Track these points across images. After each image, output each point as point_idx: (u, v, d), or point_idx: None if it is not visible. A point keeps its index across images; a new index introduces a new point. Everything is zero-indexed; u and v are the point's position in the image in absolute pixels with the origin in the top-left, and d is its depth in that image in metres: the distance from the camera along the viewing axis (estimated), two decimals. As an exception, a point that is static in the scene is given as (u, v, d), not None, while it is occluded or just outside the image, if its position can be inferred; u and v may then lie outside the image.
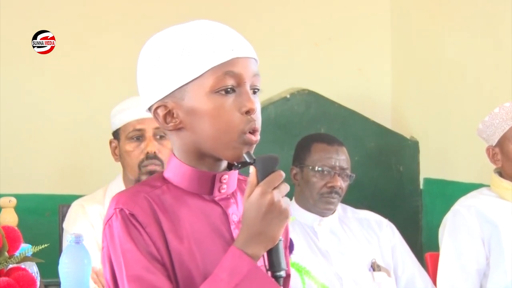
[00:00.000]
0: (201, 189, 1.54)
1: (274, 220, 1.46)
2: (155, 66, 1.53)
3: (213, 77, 1.48)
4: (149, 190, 1.52)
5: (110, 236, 1.49)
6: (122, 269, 1.47)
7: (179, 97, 1.51)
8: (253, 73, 1.52)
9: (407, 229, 3.50)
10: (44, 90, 3.81)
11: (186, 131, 1.52)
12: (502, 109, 3.00)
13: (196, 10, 3.96)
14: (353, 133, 3.83)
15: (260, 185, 1.46)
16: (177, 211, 1.51)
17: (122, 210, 1.48)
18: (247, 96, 1.50)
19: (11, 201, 3.32)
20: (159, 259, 1.47)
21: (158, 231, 1.48)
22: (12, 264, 1.96)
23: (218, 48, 1.49)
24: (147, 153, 2.92)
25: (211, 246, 1.51)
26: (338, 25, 4.13)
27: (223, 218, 1.55)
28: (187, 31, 1.52)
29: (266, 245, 1.46)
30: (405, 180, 3.97)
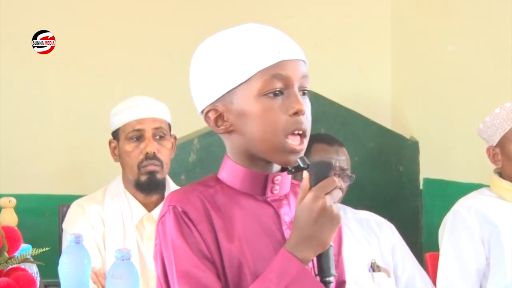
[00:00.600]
0: (253, 190, 1.57)
1: (325, 225, 1.48)
2: (205, 71, 1.56)
3: (261, 80, 1.51)
4: (202, 189, 1.55)
5: (162, 233, 1.52)
6: (172, 265, 1.50)
7: (228, 100, 1.54)
8: (301, 74, 1.54)
9: (407, 229, 3.49)
10: (44, 90, 3.81)
11: (237, 133, 1.55)
12: (503, 109, 3.00)
13: (196, 12, 3.96)
14: (353, 133, 3.83)
15: (313, 190, 1.48)
16: (229, 210, 1.54)
17: (175, 208, 1.51)
18: (295, 98, 1.52)
19: (11, 201, 3.33)
20: (209, 257, 1.50)
21: (210, 229, 1.51)
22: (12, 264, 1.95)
23: (265, 51, 1.52)
24: (147, 153, 2.92)
25: (262, 246, 1.54)
26: (338, 25, 4.13)
27: (275, 218, 1.57)
28: (235, 35, 1.55)
29: (316, 249, 1.48)
30: (405, 180, 3.97)
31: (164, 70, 3.92)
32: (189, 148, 3.65)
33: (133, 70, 3.89)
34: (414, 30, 4.10)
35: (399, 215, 3.69)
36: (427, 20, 3.99)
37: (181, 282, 1.48)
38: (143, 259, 2.93)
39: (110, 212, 2.96)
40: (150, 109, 2.97)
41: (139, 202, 2.98)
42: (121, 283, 2.08)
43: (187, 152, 3.63)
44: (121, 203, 2.97)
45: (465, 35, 3.75)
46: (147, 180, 2.93)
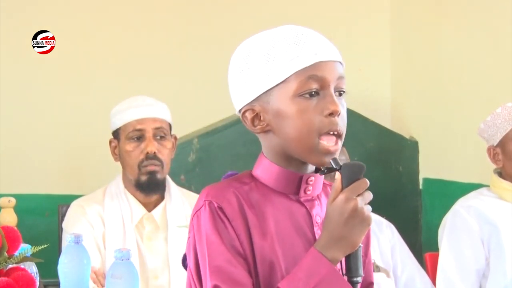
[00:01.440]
0: (287, 189, 1.58)
1: (356, 226, 1.49)
2: (243, 71, 1.57)
3: (297, 81, 1.52)
4: (238, 186, 1.57)
5: (197, 227, 1.54)
6: (205, 259, 1.52)
7: (265, 100, 1.55)
8: (337, 75, 1.55)
9: (407, 229, 3.50)
10: (44, 90, 3.81)
11: (273, 133, 1.57)
12: (505, 109, 3.00)
13: (196, 12, 3.96)
14: (353, 133, 3.80)
15: (344, 191, 1.50)
16: (263, 207, 1.56)
17: (211, 203, 1.53)
18: (330, 99, 1.53)
19: (11, 201, 3.33)
20: (242, 253, 1.51)
21: (244, 225, 1.53)
22: (11, 264, 1.96)
23: (302, 52, 1.53)
24: (147, 153, 2.92)
25: (294, 244, 1.55)
26: (337, 25, 4.12)
27: (307, 218, 1.58)
28: (273, 36, 1.56)
29: (346, 250, 1.50)
30: (405, 180, 3.98)
31: (164, 70, 3.93)
32: (189, 148, 3.65)
33: (133, 70, 3.89)
34: (413, 30, 4.10)
35: (398, 215, 3.69)
36: (426, 20, 3.99)
37: (214, 276, 1.50)
38: (143, 259, 2.94)
39: (110, 212, 2.96)
40: (151, 109, 2.97)
41: (139, 202, 2.98)
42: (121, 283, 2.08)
43: (187, 152, 3.64)
44: (121, 203, 2.98)
45: (465, 35, 3.75)
46: (147, 180, 2.93)
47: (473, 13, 3.70)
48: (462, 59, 3.75)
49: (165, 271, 2.94)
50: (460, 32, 3.78)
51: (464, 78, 3.74)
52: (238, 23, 3.93)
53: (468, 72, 3.71)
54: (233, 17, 4.00)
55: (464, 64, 3.74)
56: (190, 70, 3.93)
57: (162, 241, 2.96)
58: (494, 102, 3.12)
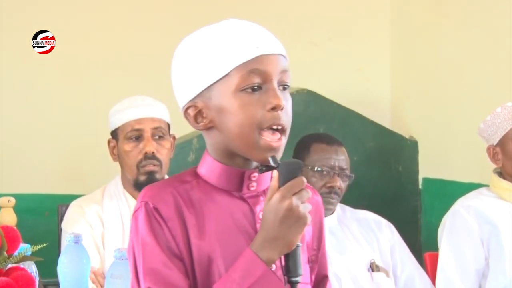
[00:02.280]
0: (230, 186, 1.55)
1: (292, 225, 1.46)
2: (185, 67, 1.55)
3: (239, 76, 1.49)
4: (177, 185, 1.54)
5: (134, 228, 1.52)
6: (140, 262, 1.50)
7: (207, 96, 1.52)
8: (280, 69, 1.52)
9: (406, 229, 3.49)
10: (44, 90, 3.81)
11: (216, 130, 1.54)
12: (504, 108, 3.00)
13: (196, 12, 3.96)
14: (352, 133, 3.83)
15: (280, 190, 1.46)
16: (203, 206, 1.53)
17: (147, 204, 1.50)
18: (273, 93, 1.50)
19: (10, 201, 3.33)
20: (178, 254, 1.49)
21: (181, 226, 1.50)
22: (11, 263, 1.96)
23: (243, 46, 1.50)
24: (146, 153, 2.92)
25: (234, 243, 1.52)
26: (337, 25, 4.13)
27: (249, 215, 1.55)
28: (214, 31, 1.54)
29: (281, 250, 1.47)
30: (404, 180, 3.97)
31: (164, 70, 3.92)
32: (188, 148, 3.65)
33: (133, 70, 3.89)
34: (413, 30, 4.10)
35: (398, 214, 3.69)
36: (426, 19, 3.99)
37: (147, 279, 1.47)
38: (142, 259, 2.93)
39: (109, 212, 2.96)
40: (149, 109, 2.97)
41: (138, 202, 2.98)
42: (120, 283, 2.08)
43: (186, 152, 3.63)
44: (120, 203, 2.98)
45: (465, 34, 3.75)
46: (146, 180, 2.93)
47: (473, 13, 3.70)
48: (462, 59, 3.75)
49: (165, 270, 2.94)
50: (460, 32, 3.78)
51: (464, 78, 3.74)
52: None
53: (468, 72, 3.71)
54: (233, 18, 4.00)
55: (464, 64, 3.74)
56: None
57: (162, 241, 2.96)
58: (494, 102, 3.12)
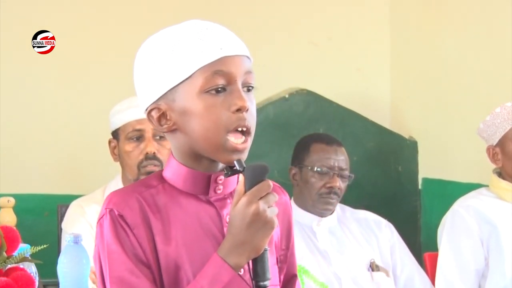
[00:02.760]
0: (196, 189, 1.53)
1: (259, 230, 1.45)
2: (148, 68, 1.53)
3: (202, 77, 1.47)
4: (143, 190, 1.52)
5: (100, 235, 1.50)
6: (106, 270, 1.48)
7: (171, 98, 1.50)
8: (244, 70, 1.50)
9: (406, 229, 3.49)
10: (44, 90, 3.81)
11: (180, 132, 1.52)
12: (504, 108, 3.00)
13: (196, 12, 3.96)
14: (352, 133, 3.83)
15: (246, 194, 1.45)
16: (169, 211, 1.51)
17: (112, 211, 1.49)
18: (238, 94, 1.48)
19: (10, 201, 3.32)
20: (145, 261, 1.47)
21: (147, 232, 1.48)
22: (10, 264, 1.95)
23: (206, 47, 1.48)
24: (147, 153, 2.92)
25: (201, 248, 1.51)
26: (337, 25, 4.13)
27: (216, 219, 1.54)
28: (177, 32, 1.52)
29: (249, 254, 1.46)
30: (404, 180, 3.97)
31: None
32: (188, 148, 3.64)
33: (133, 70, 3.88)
34: (413, 30, 4.10)
35: (398, 215, 3.69)
36: (426, 19, 3.99)
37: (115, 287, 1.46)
38: (142, 259, 2.93)
39: (109, 212, 2.95)
40: (150, 109, 2.97)
41: (138, 202, 2.98)
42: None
43: (186, 152, 3.63)
44: (120, 203, 2.97)
45: (464, 34, 3.75)
46: (146, 180, 2.93)
47: (473, 13, 3.70)
48: (461, 59, 3.76)
49: (164, 270, 2.94)
50: (460, 32, 3.78)
51: (463, 78, 3.74)
52: (237, 23, 3.92)
53: (468, 72, 3.71)
54: (233, 17, 3.99)
55: (464, 64, 3.74)
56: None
57: (161, 241, 2.96)
58: (493, 102, 3.12)
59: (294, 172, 3.15)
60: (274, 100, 3.72)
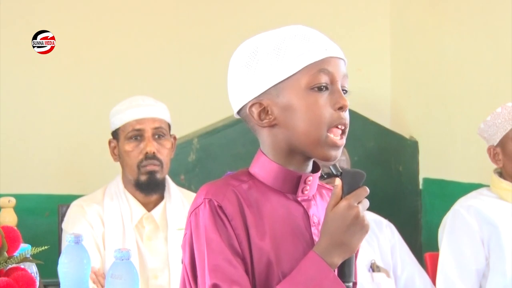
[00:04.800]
0: (285, 188, 1.58)
1: (356, 233, 1.53)
2: (250, 66, 1.58)
3: (308, 75, 1.54)
4: (237, 184, 1.57)
5: (195, 224, 1.54)
6: (204, 257, 1.52)
7: (274, 94, 1.56)
8: (343, 73, 1.60)
9: (407, 229, 3.50)
10: (44, 90, 3.82)
11: (280, 127, 1.57)
12: (505, 109, 3.00)
13: (196, 12, 3.96)
14: (353, 133, 3.78)
15: (347, 198, 1.53)
16: (261, 206, 1.56)
17: (211, 201, 1.53)
18: (340, 94, 1.57)
19: (11, 201, 3.32)
20: (240, 253, 1.52)
21: (243, 225, 1.53)
22: (11, 264, 1.95)
23: (313, 47, 1.56)
24: (146, 153, 2.92)
25: (290, 244, 1.56)
26: (337, 25, 4.13)
27: (304, 218, 1.59)
28: (281, 33, 1.58)
29: (344, 255, 1.53)
30: (405, 180, 3.97)
31: (164, 70, 3.93)
32: (189, 148, 3.65)
33: (133, 70, 3.89)
34: (413, 30, 4.10)
35: (398, 215, 3.69)
36: (426, 19, 3.99)
37: (213, 275, 1.50)
38: (143, 259, 2.94)
39: (109, 212, 2.96)
40: (150, 109, 2.97)
41: (139, 202, 2.98)
42: (121, 283, 2.07)
43: (187, 152, 3.64)
44: (121, 203, 2.98)
45: (465, 34, 3.75)
46: (146, 180, 2.93)
47: (473, 13, 3.70)
48: (462, 59, 3.76)
49: (165, 271, 2.94)
50: (460, 32, 3.78)
51: (464, 78, 3.74)
52: (238, 24, 3.93)
53: (468, 72, 3.71)
54: (233, 18, 4.00)
55: (464, 64, 3.74)
56: (190, 70, 3.93)
57: (162, 241, 2.96)
58: (494, 102, 3.12)
59: (295, 172, 3.15)
60: (275, 100, 3.72)
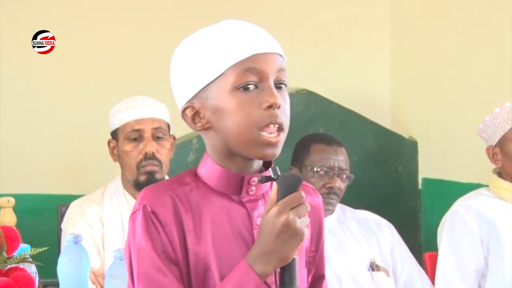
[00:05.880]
0: (228, 189, 1.55)
1: (288, 240, 1.44)
2: (182, 69, 1.55)
3: (234, 74, 1.49)
4: (177, 187, 1.54)
5: (132, 230, 1.52)
6: (135, 265, 1.49)
7: (204, 97, 1.52)
8: (277, 68, 1.52)
9: (406, 229, 3.50)
10: (44, 90, 3.82)
11: (213, 130, 1.54)
12: (503, 108, 3.00)
13: (196, 12, 3.97)
14: (352, 133, 3.83)
15: (277, 204, 1.45)
16: (201, 210, 1.53)
17: (145, 207, 1.50)
18: (269, 91, 1.49)
19: (10, 201, 3.33)
20: (174, 259, 1.48)
21: (178, 230, 1.49)
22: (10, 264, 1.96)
23: (238, 45, 1.50)
24: (146, 153, 2.92)
25: (230, 248, 1.52)
26: (337, 25, 4.13)
27: (246, 220, 1.55)
28: (210, 31, 1.55)
29: (276, 264, 1.46)
30: (404, 180, 3.98)
31: (163, 70, 3.91)
32: (188, 148, 3.65)
33: (133, 70, 3.89)
34: (413, 31, 4.10)
35: (398, 214, 3.69)
36: (426, 19, 3.99)
37: (141, 284, 1.47)
38: (142, 259, 2.93)
39: (109, 212, 2.96)
40: (149, 109, 2.97)
41: (138, 202, 2.98)
42: (120, 283, 2.08)
43: (186, 152, 3.64)
44: (120, 203, 2.98)
45: (464, 34, 3.75)
46: (146, 180, 2.93)
47: (473, 13, 3.70)
48: (461, 59, 3.76)
49: (164, 271, 2.94)
50: (459, 32, 3.78)
51: (463, 78, 3.75)
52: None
53: (468, 72, 3.72)
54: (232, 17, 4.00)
55: (464, 64, 3.74)
56: (190, 70, 3.93)
57: (161, 241, 2.96)
58: (493, 102, 3.12)
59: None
60: (274, 100, 3.72)
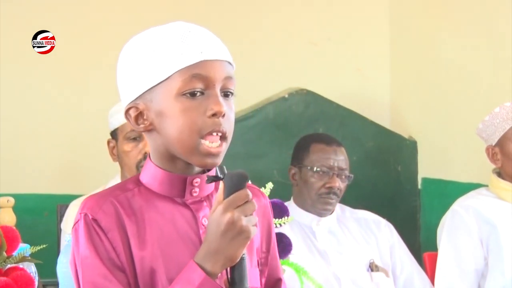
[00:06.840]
0: (172, 192, 1.53)
1: (234, 239, 1.42)
2: (129, 68, 1.53)
3: (181, 80, 1.47)
4: (118, 194, 1.52)
5: (75, 241, 1.50)
6: (81, 274, 1.48)
7: (148, 98, 1.50)
8: (224, 76, 1.49)
9: (405, 229, 3.50)
10: (44, 90, 3.82)
11: (156, 133, 1.52)
12: (503, 108, 3.00)
13: (196, 12, 3.97)
14: (352, 133, 3.83)
15: (223, 203, 1.43)
16: (145, 214, 1.50)
17: (86, 215, 1.48)
18: (214, 99, 1.47)
19: (9, 201, 3.32)
20: (120, 266, 1.47)
21: (121, 236, 1.48)
22: (10, 264, 1.96)
23: (187, 50, 1.48)
24: (145, 153, 2.92)
25: (177, 251, 1.50)
26: (337, 25, 4.13)
27: (192, 221, 1.53)
28: (160, 32, 1.52)
29: (224, 263, 1.44)
30: (404, 180, 3.97)
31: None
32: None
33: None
34: (412, 30, 4.10)
35: (397, 214, 3.69)
36: (425, 19, 3.99)
37: None
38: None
39: (108, 212, 2.95)
40: (149, 109, 2.97)
41: (138, 202, 2.98)
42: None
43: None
44: (120, 203, 2.97)
45: (464, 34, 3.75)
46: (145, 180, 2.93)
47: (472, 14, 3.71)
48: (461, 60, 3.76)
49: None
50: (459, 32, 3.78)
51: (463, 78, 3.75)
52: (237, 23, 3.94)
53: (467, 72, 3.72)
54: (233, 17, 4.00)
55: (463, 64, 3.74)
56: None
57: (161, 240, 2.96)
58: (493, 102, 3.12)
59: (294, 172, 3.16)
60: (274, 100, 3.72)
